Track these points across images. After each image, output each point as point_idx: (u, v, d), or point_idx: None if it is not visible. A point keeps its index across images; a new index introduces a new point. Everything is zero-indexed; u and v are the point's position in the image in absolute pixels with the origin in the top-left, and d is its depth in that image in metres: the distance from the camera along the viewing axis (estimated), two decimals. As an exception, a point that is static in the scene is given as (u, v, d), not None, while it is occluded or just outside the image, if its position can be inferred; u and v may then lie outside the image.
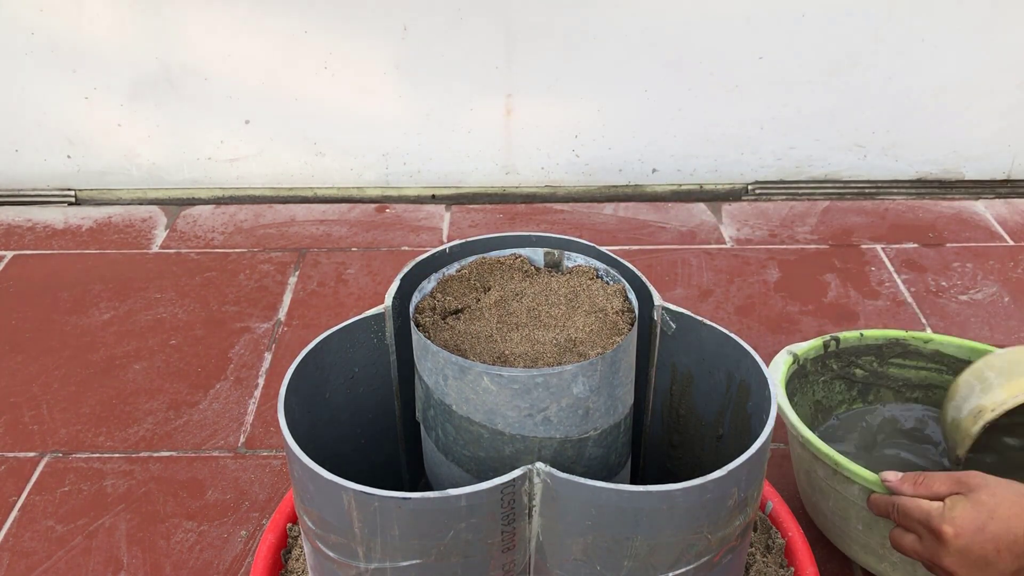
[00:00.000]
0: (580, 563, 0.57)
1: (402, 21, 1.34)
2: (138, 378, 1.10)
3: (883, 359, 0.94)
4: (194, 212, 1.45)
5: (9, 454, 0.99)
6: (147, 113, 1.41)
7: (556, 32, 1.35)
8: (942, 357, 0.92)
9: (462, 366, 0.59)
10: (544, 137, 1.45)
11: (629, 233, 1.40)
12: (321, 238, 1.38)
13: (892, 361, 0.94)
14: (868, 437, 0.93)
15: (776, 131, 1.46)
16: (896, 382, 0.95)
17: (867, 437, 0.93)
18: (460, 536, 0.54)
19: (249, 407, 1.06)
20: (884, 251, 1.36)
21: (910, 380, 0.94)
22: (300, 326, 1.19)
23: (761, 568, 0.76)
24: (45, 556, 0.87)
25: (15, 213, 1.45)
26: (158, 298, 1.24)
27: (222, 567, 0.86)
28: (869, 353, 0.93)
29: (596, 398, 0.60)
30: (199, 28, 1.34)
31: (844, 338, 0.92)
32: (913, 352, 0.93)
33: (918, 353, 0.93)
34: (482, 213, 1.46)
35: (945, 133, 1.47)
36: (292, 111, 1.41)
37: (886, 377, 0.95)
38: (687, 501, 0.54)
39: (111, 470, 0.97)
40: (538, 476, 0.54)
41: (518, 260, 0.70)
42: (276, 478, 0.96)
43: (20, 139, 1.43)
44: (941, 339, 0.92)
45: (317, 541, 0.59)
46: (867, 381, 0.95)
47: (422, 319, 0.64)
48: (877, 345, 0.93)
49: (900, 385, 0.95)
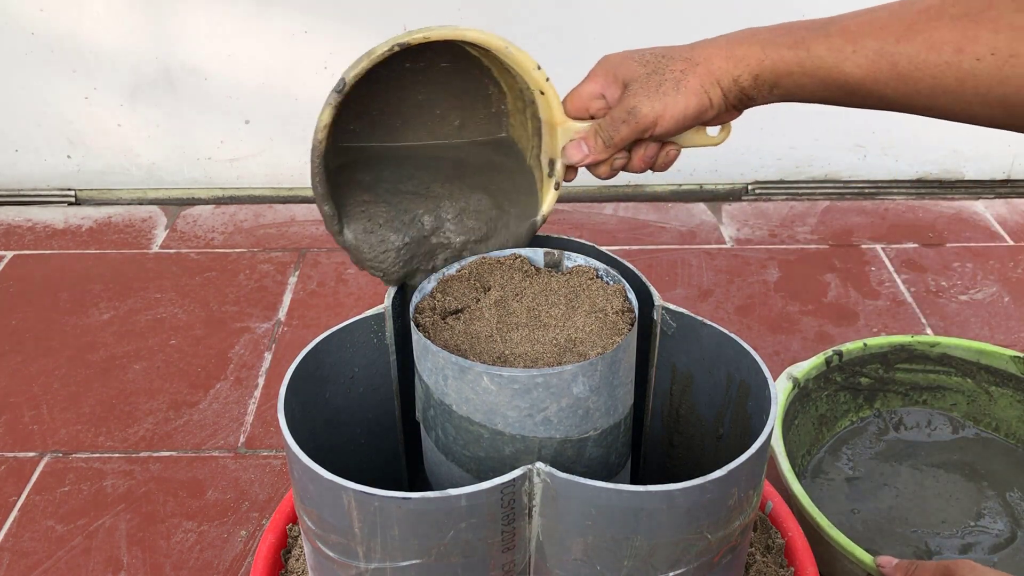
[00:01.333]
0: (580, 563, 0.57)
1: (402, 21, 1.34)
2: (138, 378, 1.10)
3: (889, 365, 0.93)
4: (194, 212, 1.46)
5: (9, 454, 0.99)
6: (147, 113, 1.41)
7: (556, 32, 1.35)
8: (950, 360, 0.91)
9: (462, 366, 0.59)
10: (544, 137, 1.45)
11: (629, 233, 1.40)
12: (321, 238, 1.38)
13: (898, 367, 0.93)
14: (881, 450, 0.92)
15: (776, 131, 1.46)
16: (903, 386, 0.94)
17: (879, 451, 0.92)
18: (460, 536, 0.54)
19: (249, 407, 1.06)
20: (884, 251, 1.36)
21: (918, 383, 0.93)
22: (300, 326, 1.19)
23: (761, 568, 0.76)
24: (45, 556, 0.87)
25: (15, 213, 1.45)
26: (158, 298, 1.24)
27: (222, 567, 0.86)
28: (874, 361, 0.92)
29: (596, 398, 0.60)
30: (199, 28, 1.34)
31: (847, 350, 0.90)
32: (920, 356, 0.92)
33: (925, 357, 0.92)
34: (482, 213, 1.46)
35: (945, 133, 1.47)
36: (292, 111, 1.41)
37: (893, 382, 0.93)
38: (687, 501, 0.54)
39: (111, 470, 0.97)
40: (538, 476, 0.54)
41: (518, 260, 0.70)
42: (276, 478, 0.96)
43: (20, 139, 1.43)
44: (948, 342, 0.91)
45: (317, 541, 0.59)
46: (873, 388, 0.94)
47: (422, 319, 0.64)
48: (882, 353, 0.92)
49: (908, 389, 0.94)
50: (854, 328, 1.18)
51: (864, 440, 0.94)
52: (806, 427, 0.91)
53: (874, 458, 0.92)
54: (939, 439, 0.93)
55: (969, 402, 0.94)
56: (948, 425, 0.94)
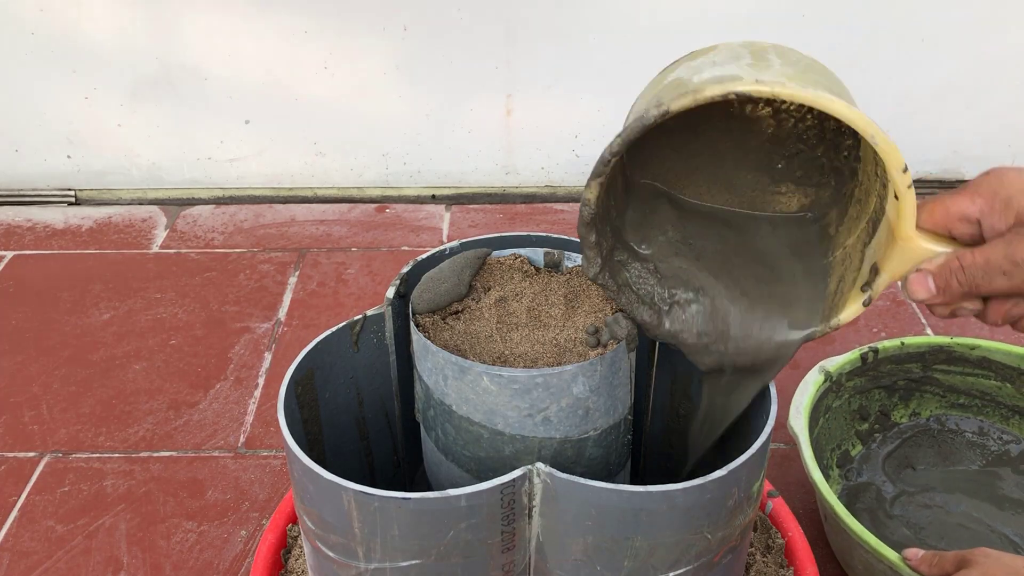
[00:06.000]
0: (580, 563, 0.57)
1: (402, 21, 1.34)
2: (138, 378, 1.10)
3: (927, 366, 0.91)
4: (194, 212, 1.46)
5: (9, 454, 0.99)
6: (147, 113, 1.41)
7: (556, 32, 1.35)
8: (989, 363, 0.90)
9: (462, 366, 0.59)
10: (544, 137, 1.45)
11: (629, 233, 1.40)
12: (321, 238, 1.38)
13: (936, 368, 0.91)
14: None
15: (776, 131, 1.46)
16: (941, 387, 0.92)
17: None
18: (460, 536, 0.54)
19: (249, 407, 1.06)
20: (884, 251, 1.35)
21: (956, 386, 0.92)
22: (300, 326, 1.19)
23: (761, 568, 0.76)
24: (45, 556, 0.87)
25: (15, 213, 1.45)
26: (158, 298, 1.24)
27: (222, 567, 0.86)
28: (911, 361, 0.90)
29: (596, 398, 0.60)
30: (199, 28, 1.34)
31: (883, 348, 0.89)
32: (959, 359, 0.90)
33: (964, 360, 0.90)
34: (482, 213, 1.46)
35: (945, 133, 1.47)
36: (292, 111, 1.41)
37: (931, 382, 0.92)
38: (687, 501, 0.54)
39: (111, 470, 0.97)
40: (538, 476, 0.54)
41: (518, 260, 0.70)
42: (276, 478, 0.96)
43: (20, 139, 1.43)
44: (988, 345, 0.89)
45: (317, 541, 0.59)
46: (909, 388, 0.92)
47: (422, 319, 0.64)
48: (920, 353, 0.90)
49: (945, 390, 0.92)
50: (854, 329, 1.18)
51: (898, 442, 0.93)
52: (837, 422, 0.90)
53: (906, 462, 0.91)
54: (984, 446, 0.92)
55: (1007, 409, 0.92)
56: (997, 434, 0.93)
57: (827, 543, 0.86)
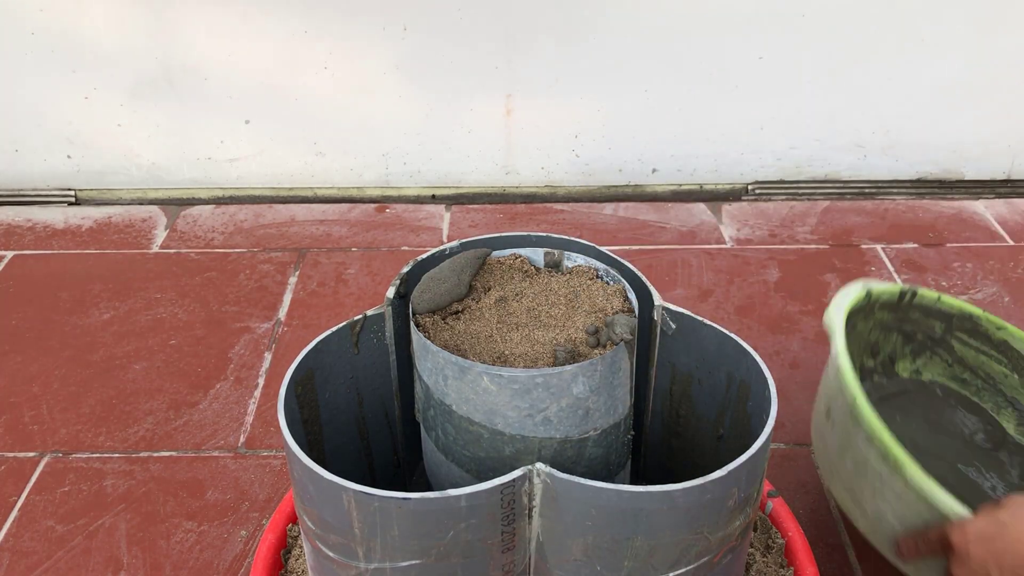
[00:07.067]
0: (580, 563, 0.57)
1: (402, 21, 1.34)
2: (138, 378, 1.10)
3: (950, 329, 0.91)
4: (194, 212, 1.45)
5: (9, 454, 0.99)
6: (147, 113, 1.41)
7: (556, 32, 1.35)
8: (1008, 349, 0.89)
9: (462, 366, 0.59)
10: (544, 137, 1.45)
11: (629, 233, 1.40)
12: (321, 238, 1.38)
13: (958, 335, 0.91)
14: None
15: (776, 131, 1.46)
16: (951, 356, 0.92)
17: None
18: (460, 536, 0.54)
19: (249, 407, 1.06)
20: (884, 251, 1.36)
21: (965, 359, 0.91)
22: (300, 326, 1.19)
23: (761, 568, 0.76)
24: (45, 556, 0.87)
25: (15, 213, 1.45)
26: (158, 298, 1.24)
27: (222, 567, 0.86)
28: (939, 318, 0.90)
29: (596, 398, 0.60)
30: (199, 28, 1.34)
31: (922, 294, 0.89)
32: (982, 334, 0.90)
33: (987, 336, 0.90)
34: (482, 213, 1.46)
35: (945, 133, 1.47)
36: (292, 111, 1.41)
37: (945, 347, 0.92)
38: (687, 501, 0.54)
39: (111, 470, 0.97)
40: (538, 476, 0.54)
41: (518, 260, 0.70)
42: (276, 478, 0.96)
43: (20, 139, 1.43)
44: (1014, 331, 0.88)
45: (317, 541, 0.59)
46: (924, 345, 0.92)
47: (422, 319, 0.64)
48: (949, 314, 0.90)
49: (954, 360, 0.92)
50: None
51: (894, 390, 0.91)
52: (854, 345, 0.88)
53: (891, 414, 0.90)
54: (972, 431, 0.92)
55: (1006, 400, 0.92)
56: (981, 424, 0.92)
57: (827, 543, 0.86)
